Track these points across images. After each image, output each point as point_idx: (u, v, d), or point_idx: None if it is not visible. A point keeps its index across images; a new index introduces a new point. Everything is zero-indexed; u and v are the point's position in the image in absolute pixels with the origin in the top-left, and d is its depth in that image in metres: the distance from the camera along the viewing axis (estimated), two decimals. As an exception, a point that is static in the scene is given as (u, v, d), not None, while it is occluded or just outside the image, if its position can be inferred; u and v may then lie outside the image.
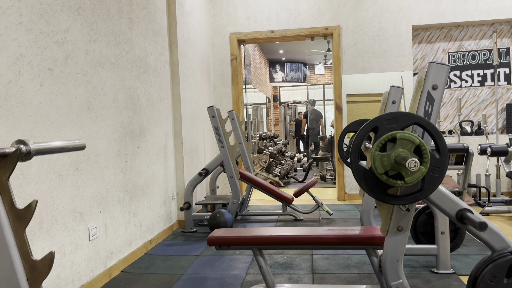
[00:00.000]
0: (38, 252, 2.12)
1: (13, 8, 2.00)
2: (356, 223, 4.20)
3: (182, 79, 4.33)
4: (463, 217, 1.69)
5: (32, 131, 2.12)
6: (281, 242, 2.24)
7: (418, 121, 1.59)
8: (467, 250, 3.17)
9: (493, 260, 1.67)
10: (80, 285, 2.51)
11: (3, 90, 1.93)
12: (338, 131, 5.61)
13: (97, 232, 2.71)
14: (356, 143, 1.62)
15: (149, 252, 3.47)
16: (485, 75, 5.72)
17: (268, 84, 13.52)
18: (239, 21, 5.68)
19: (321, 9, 5.55)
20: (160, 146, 3.89)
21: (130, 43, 3.30)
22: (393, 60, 5.45)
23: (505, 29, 5.62)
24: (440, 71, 1.70)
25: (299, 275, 2.80)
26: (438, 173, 1.57)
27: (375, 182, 1.61)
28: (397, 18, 5.43)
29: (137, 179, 3.36)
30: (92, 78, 2.71)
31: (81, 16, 2.60)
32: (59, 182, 2.33)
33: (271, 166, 7.42)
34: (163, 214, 3.93)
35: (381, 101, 2.92)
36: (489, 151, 4.19)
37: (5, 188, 0.96)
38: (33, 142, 1.00)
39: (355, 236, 2.14)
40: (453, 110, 5.80)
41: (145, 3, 3.62)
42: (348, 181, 5.58)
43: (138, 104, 3.42)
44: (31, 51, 2.12)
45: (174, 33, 4.22)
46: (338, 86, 5.57)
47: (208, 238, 2.27)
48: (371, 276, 2.73)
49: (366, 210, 2.88)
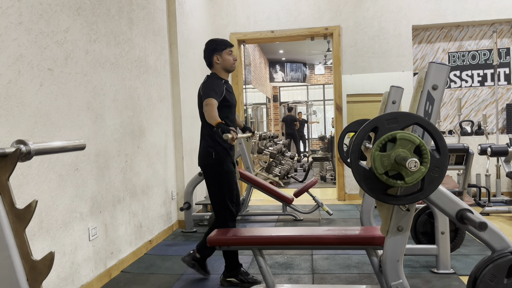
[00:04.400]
0: (38, 252, 2.12)
1: (13, 8, 2.00)
2: (356, 223, 4.20)
3: (182, 79, 4.33)
4: (463, 217, 1.69)
5: (32, 131, 2.12)
6: (281, 242, 2.24)
7: (418, 121, 1.59)
8: (467, 250, 3.17)
9: (493, 260, 1.67)
10: (80, 285, 2.51)
11: (3, 90, 1.92)
12: (338, 131, 5.60)
13: (97, 232, 2.71)
14: (356, 143, 1.62)
15: (149, 252, 3.47)
16: (485, 75, 5.72)
17: (268, 84, 13.52)
18: (239, 21, 5.68)
19: (321, 9, 5.54)
20: (160, 146, 3.89)
21: (130, 43, 3.30)
22: (393, 60, 5.45)
23: (505, 29, 5.62)
24: (440, 71, 1.70)
25: (299, 275, 2.80)
26: (438, 173, 1.57)
27: (375, 182, 1.61)
28: (397, 18, 5.43)
29: (137, 179, 3.36)
30: (92, 78, 2.71)
31: (81, 16, 2.60)
32: (59, 182, 2.32)
33: (271, 166, 7.42)
34: (163, 214, 3.93)
35: (381, 101, 2.92)
36: (489, 151, 4.19)
37: (5, 188, 0.96)
38: (33, 142, 1.00)
39: (355, 236, 2.14)
40: (453, 110, 5.80)
41: (145, 3, 3.62)
42: (348, 181, 5.58)
43: (138, 104, 3.42)
44: (31, 51, 2.12)
45: (174, 33, 4.22)
46: (338, 86, 5.57)
47: (208, 238, 2.27)
48: (371, 276, 2.73)
49: (366, 210, 2.88)
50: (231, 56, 2.71)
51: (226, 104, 2.65)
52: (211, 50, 2.70)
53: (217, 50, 2.69)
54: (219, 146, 2.64)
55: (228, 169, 2.67)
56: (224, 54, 2.69)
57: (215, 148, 2.64)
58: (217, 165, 2.65)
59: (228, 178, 2.67)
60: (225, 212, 2.68)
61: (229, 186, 2.68)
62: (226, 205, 2.66)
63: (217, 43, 2.71)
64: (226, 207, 2.67)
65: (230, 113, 2.71)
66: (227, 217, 2.68)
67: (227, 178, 2.66)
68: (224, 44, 2.71)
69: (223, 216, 2.68)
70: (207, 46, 2.74)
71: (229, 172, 2.68)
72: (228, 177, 2.66)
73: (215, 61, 2.70)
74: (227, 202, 2.66)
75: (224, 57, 2.69)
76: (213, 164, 2.66)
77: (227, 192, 2.66)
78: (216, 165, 2.65)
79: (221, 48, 2.69)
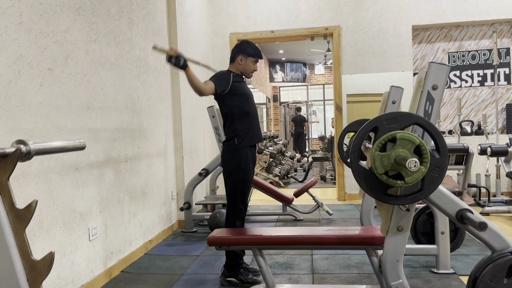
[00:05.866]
0: (38, 252, 2.12)
1: (13, 8, 2.00)
2: (356, 223, 4.20)
3: (182, 79, 4.33)
4: (463, 217, 1.69)
5: (32, 131, 2.12)
6: (281, 242, 2.24)
7: (418, 121, 1.59)
8: (467, 250, 3.17)
9: (493, 260, 1.67)
10: (80, 285, 2.51)
11: (3, 90, 1.93)
12: (338, 131, 5.60)
13: (97, 232, 2.71)
14: (356, 143, 1.62)
15: (149, 252, 3.47)
16: (485, 75, 5.72)
17: (268, 84, 13.51)
18: (239, 21, 5.68)
19: (321, 9, 5.55)
20: (160, 146, 3.89)
21: (130, 43, 3.30)
22: (393, 60, 5.45)
23: (505, 29, 5.62)
24: (440, 71, 1.70)
25: (299, 275, 2.80)
26: (438, 173, 1.57)
27: (375, 182, 1.61)
28: (397, 18, 5.43)
29: (137, 179, 3.36)
30: (92, 78, 2.71)
31: (81, 16, 2.60)
32: (59, 182, 2.33)
33: (271, 166, 7.42)
34: (163, 214, 3.93)
35: (381, 101, 2.92)
36: (489, 151, 4.19)
37: (5, 188, 0.96)
38: (33, 142, 1.00)
39: (355, 236, 2.14)
40: (453, 110, 5.80)
41: (145, 3, 3.62)
42: (348, 181, 5.58)
43: (138, 104, 3.42)
44: (31, 51, 2.12)
45: (174, 33, 4.22)
46: (338, 86, 5.57)
47: (208, 238, 2.27)
48: (371, 276, 2.73)
49: (366, 210, 2.88)
50: (253, 65, 2.82)
51: (235, 93, 2.72)
52: (241, 50, 2.79)
53: (245, 53, 2.78)
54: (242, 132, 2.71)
55: (246, 167, 2.72)
56: (249, 59, 2.78)
57: (237, 134, 2.70)
58: (238, 156, 2.69)
59: (245, 177, 2.73)
60: (236, 210, 2.74)
61: (245, 185, 2.74)
62: (236, 202, 2.74)
63: (249, 46, 2.80)
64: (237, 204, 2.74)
65: (242, 101, 2.74)
66: (236, 215, 2.74)
67: (244, 177, 2.72)
68: (255, 51, 2.80)
69: (233, 214, 2.75)
70: (240, 44, 2.83)
71: (247, 170, 2.73)
72: (244, 176, 2.72)
73: (238, 60, 2.79)
74: (238, 200, 2.73)
75: (248, 62, 2.79)
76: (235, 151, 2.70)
77: (241, 191, 2.73)
78: (238, 155, 2.69)
79: (249, 53, 2.78)
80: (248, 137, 2.72)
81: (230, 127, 2.73)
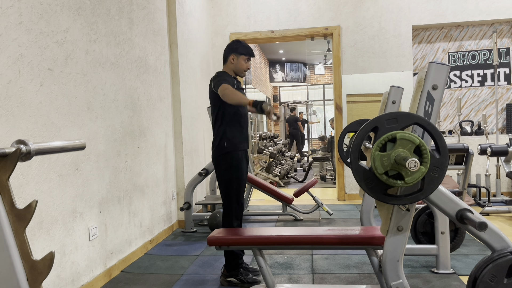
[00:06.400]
0: (38, 252, 2.12)
1: (13, 8, 2.00)
2: (356, 223, 4.20)
3: (182, 79, 4.33)
4: (463, 217, 1.69)
5: (32, 131, 2.12)
6: (281, 242, 2.24)
7: (418, 121, 1.59)
8: (467, 250, 3.17)
9: (493, 260, 1.67)
10: (80, 285, 2.51)
11: (3, 90, 1.93)
12: (338, 131, 5.60)
13: (97, 232, 2.71)
14: (356, 143, 1.62)
15: (149, 252, 3.47)
16: (485, 75, 5.72)
17: (268, 84, 13.51)
18: (239, 21, 5.68)
19: (321, 9, 5.55)
20: (160, 146, 3.89)
21: (130, 43, 3.30)
22: (393, 60, 5.45)
23: (505, 29, 5.62)
24: (440, 71, 1.70)
25: (299, 275, 2.80)
26: (438, 173, 1.57)
27: (375, 182, 1.61)
28: (397, 18, 5.43)
29: (137, 179, 3.36)
30: (92, 78, 2.71)
31: (81, 16, 2.60)
32: (59, 182, 2.33)
33: (271, 166, 7.42)
34: (163, 214, 3.93)
35: (381, 101, 2.92)
36: (489, 151, 4.19)
37: (5, 188, 0.96)
38: (33, 142, 1.00)
39: (355, 236, 2.14)
40: (453, 110, 5.80)
41: (145, 3, 3.62)
42: (348, 181, 5.58)
43: (138, 104, 3.42)
44: (31, 51, 2.12)
45: (174, 33, 4.22)
46: (338, 86, 5.57)
47: (208, 238, 2.27)
48: (371, 276, 2.73)
49: (366, 210, 2.88)
50: (246, 63, 2.82)
51: None
52: (232, 49, 2.80)
53: (237, 51, 2.78)
54: (231, 136, 2.71)
55: (239, 166, 2.72)
56: (241, 58, 2.78)
57: (227, 137, 2.70)
58: (230, 157, 2.70)
59: (238, 175, 2.73)
60: (231, 209, 2.75)
61: (238, 183, 2.74)
62: (232, 201, 2.74)
63: (240, 45, 2.80)
64: (232, 204, 2.74)
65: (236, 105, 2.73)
66: (232, 214, 2.74)
67: (237, 175, 2.72)
68: (246, 50, 2.80)
69: (229, 213, 2.76)
70: (231, 44, 2.84)
71: (240, 169, 2.73)
72: (237, 174, 2.72)
73: (230, 60, 2.80)
74: (233, 199, 2.74)
75: (240, 61, 2.79)
76: (225, 154, 2.70)
77: (235, 190, 2.73)
78: (229, 157, 2.70)
79: (240, 51, 2.78)
80: (236, 141, 2.73)
81: (220, 129, 2.73)
